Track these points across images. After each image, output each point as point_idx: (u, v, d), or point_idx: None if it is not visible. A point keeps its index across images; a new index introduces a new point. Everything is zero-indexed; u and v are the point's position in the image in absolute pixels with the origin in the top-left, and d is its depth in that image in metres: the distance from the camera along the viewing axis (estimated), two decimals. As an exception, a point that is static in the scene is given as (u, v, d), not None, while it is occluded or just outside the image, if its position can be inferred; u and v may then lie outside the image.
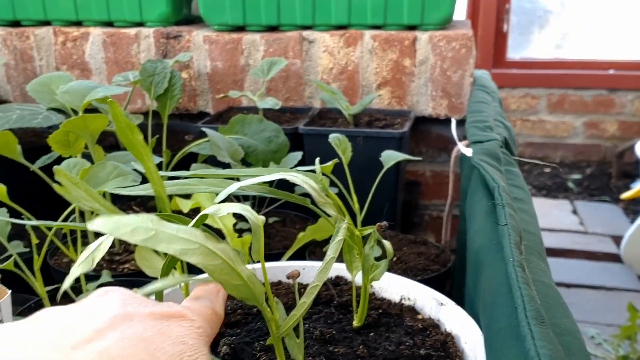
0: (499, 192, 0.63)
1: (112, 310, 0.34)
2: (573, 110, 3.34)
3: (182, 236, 0.39)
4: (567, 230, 2.57)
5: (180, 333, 0.35)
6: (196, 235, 0.39)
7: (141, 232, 0.37)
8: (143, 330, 0.33)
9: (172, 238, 0.38)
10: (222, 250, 0.40)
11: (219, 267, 0.41)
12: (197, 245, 0.39)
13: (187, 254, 0.39)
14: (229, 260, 0.41)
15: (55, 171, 0.53)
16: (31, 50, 1.38)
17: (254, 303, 0.44)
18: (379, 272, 0.60)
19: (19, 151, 0.82)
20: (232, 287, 0.42)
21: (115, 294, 0.37)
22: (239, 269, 0.42)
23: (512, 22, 3.41)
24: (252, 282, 0.43)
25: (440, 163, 1.38)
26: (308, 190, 0.54)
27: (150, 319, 0.35)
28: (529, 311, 0.40)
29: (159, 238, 0.38)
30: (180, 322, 0.36)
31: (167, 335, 0.34)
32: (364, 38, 1.27)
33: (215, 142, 0.90)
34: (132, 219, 0.38)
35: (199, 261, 0.39)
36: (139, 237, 0.37)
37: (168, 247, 0.38)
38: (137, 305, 0.36)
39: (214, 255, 0.40)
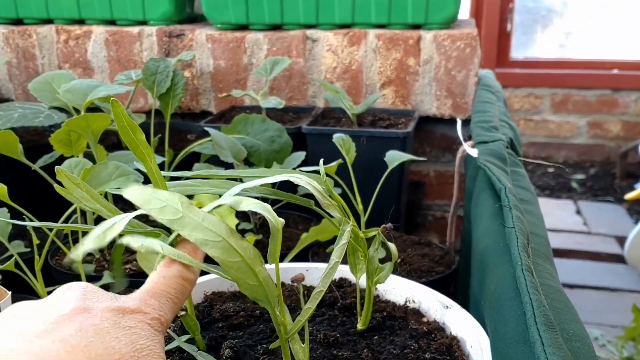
0: (505, 193, 0.62)
1: (73, 303, 0.37)
2: (576, 110, 3.33)
3: (207, 226, 0.38)
4: (571, 230, 2.56)
5: (133, 325, 0.37)
6: (221, 227, 0.39)
7: (170, 211, 0.37)
8: (100, 321, 0.36)
9: (197, 225, 0.38)
10: (243, 248, 0.40)
11: (237, 264, 0.40)
12: (220, 238, 0.38)
13: (207, 244, 0.38)
14: (248, 260, 0.40)
15: (57, 171, 0.52)
16: (33, 49, 1.37)
17: (266, 305, 0.44)
18: (384, 275, 0.59)
19: (21, 150, 0.81)
20: (247, 286, 0.41)
21: (77, 288, 0.39)
22: (256, 269, 0.41)
23: (515, 21, 3.40)
24: (267, 284, 0.42)
25: (444, 163, 1.37)
26: (312, 192, 0.53)
27: (106, 312, 0.37)
28: (539, 317, 0.39)
29: (184, 222, 0.37)
30: (134, 315, 0.38)
31: (122, 326, 0.36)
32: (368, 37, 1.26)
33: (218, 142, 0.89)
34: (166, 196, 0.37)
35: (217, 255, 0.39)
36: (167, 216, 0.37)
37: (190, 234, 0.37)
38: (96, 299, 0.38)
39: (234, 252, 0.39)
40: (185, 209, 0.37)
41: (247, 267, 0.39)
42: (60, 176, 0.52)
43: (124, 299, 0.39)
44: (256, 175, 0.58)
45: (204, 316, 0.63)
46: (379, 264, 0.60)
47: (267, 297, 0.41)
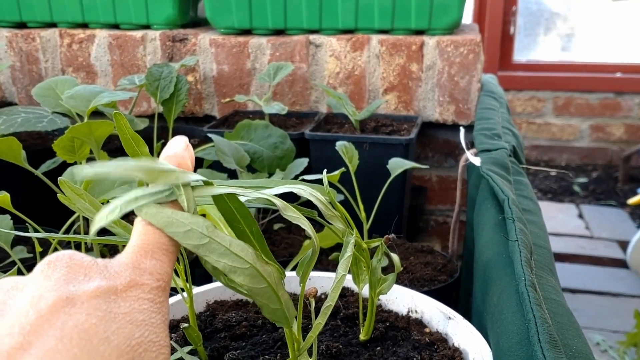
0: (509, 205, 0.62)
1: (53, 293, 0.30)
2: (579, 113, 3.32)
3: (235, 251, 0.36)
4: (573, 234, 2.56)
5: (128, 309, 0.31)
6: (248, 253, 0.37)
7: (195, 236, 0.35)
8: (86, 318, 0.30)
9: (225, 252, 0.36)
10: (268, 273, 0.38)
11: (263, 290, 0.38)
12: (247, 265, 0.37)
13: (235, 272, 0.36)
14: (273, 285, 0.39)
15: (60, 182, 0.52)
16: (37, 52, 1.37)
17: (284, 325, 0.43)
18: (387, 286, 0.59)
19: (24, 157, 0.81)
20: (270, 310, 0.40)
21: (59, 267, 0.32)
22: (280, 293, 0.40)
23: (518, 24, 3.40)
24: (288, 307, 0.41)
25: (447, 168, 1.37)
26: (316, 203, 0.53)
27: (95, 297, 0.31)
28: (542, 334, 0.39)
29: (211, 248, 0.35)
30: (129, 293, 0.32)
31: (114, 316, 0.30)
32: (371, 42, 1.26)
33: (220, 148, 0.89)
34: (188, 218, 0.35)
35: (245, 282, 0.37)
36: (192, 241, 0.35)
37: (218, 261, 0.35)
38: (82, 279, 0.32)
39: (261, 278, 0.38)
40: (210, 232, 0.35)
41: (273, 292, 0.38)
42: (63, 187, 0.52)
43: (115, 268, 0.33)
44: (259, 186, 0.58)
45: (206, 326, 0.63)
46: (382, 275, 0.60)
47: (287, 319, 0.41)
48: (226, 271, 0.35)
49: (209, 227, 0.35)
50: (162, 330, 0.32)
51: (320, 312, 0.46)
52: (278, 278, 0.39)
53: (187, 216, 0.35)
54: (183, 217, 0.34)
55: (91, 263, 0.33)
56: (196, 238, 0.34)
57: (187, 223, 0.34)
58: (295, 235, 0.99)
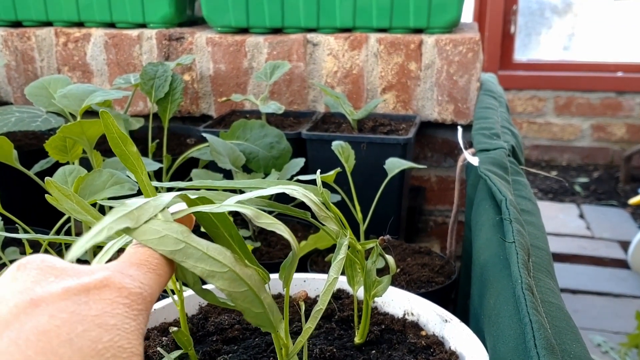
0: (506, 205, 0.61)
1: (16, 296, 0.29)
2: (580, 113, 3.31)
3: (212, 255, 0.36)
4: (574, 235, 2.54)
5: (99, 312, 0.29)
6: (226, 257, 0.36)
7: (170, 241, 0.34)
8: (48, 319, 0.28)
9: (201, 256, 0.35)
10: (249, 276, 0.38)
11: (244, 294, 0.38)
12: (226, 268, 0.36)
13: (214, 276, 0.35)
14: (254, 288, 0.38)
15: (47, 183, 0.51)
16: (32, 51, 1.36)
17: (269, 330, 0.42)
18: (381, 289, 0.58)
19: (15, 157, 0.80)
20: (253, 314, 0.39)
21: (29, 269, 0.30)
22: (262, 296, 0.39)
23: (519, 23, 3.39)
24: (272, 310, 0.40)
25: (446, 168, 1.36)
26: (308, 204, 0.52)
27: (63, 298, 0.29)
28: (539, 340, 0.37)
29: (187, 253, 0.35)
30: (102, 293, 0.30)
31: (81, 318, 0.28)
32: (369, 41, 1.24)
33: (215, 148, 0.88)
34: (161, 225, 0.35)
35: (225, 286, 0.36)
36: (167, 247, 0.34)
37: (195, 266, 0.35)
38: (53, 280, 0.30)
39: (241, 281, 0.37)
40: (186, 238, 0.34)
41: (254, 296, 0.37)
42: (50, 187, 0.51)
43: (91, 268, 0.31)
44: (251, 187, 0.57)
45: (198, 329, 0.62)
46: (377, 277, 0.59)
47: (271, 323, 0.40)
48: (204, 276, 0.34)
49: (184, 233, 0.34)
50: (135, 337, 0.30)
51: (310, 316, 0.45)
52: (259, 281, 0.38)
53: (161, 223, 0.34)
54: (156, 225, 0.34)
55: (64, 265, 0.31)
56: (171, 244, 0.34)
57: (161, 230, 0.34)
58: (292, 236, 0.97)
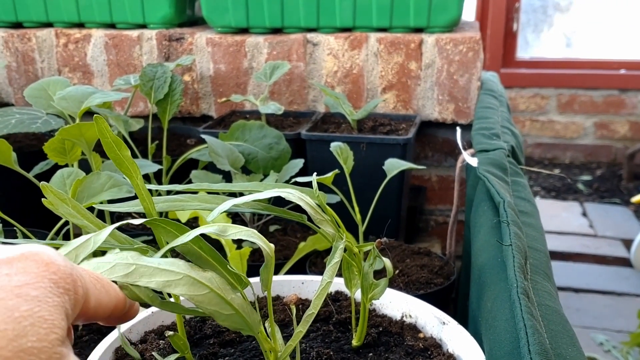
0: (504, 207, 0.61)
1: None
2: (583, 111, 3.30)
3: (164, 268, 0.38)
4: (577, 233, 2.54)
5: (20, 283, 0.29)
6: (179, 265, 0.38)
7: (120, 268, 0.37)
8: None
9: (153, 271, 0.37)
10: (208, 279, 0.38)
11: (207, 297, 0.38)
12: (180, 275, 0.37)
13: (170, 285, 0.37)
14: (217, 290, 0.39)
15: (42, 187, 0.51)
16: (33, 52, 1.36)
17: (249, 333, 0.42)
18: (379, 292, 0.58)
19: (14, 159, 0.80)
20: (224, 317, 0.40)
21: None
22: (228, 297, 0.39)
23: (521, 21, 3.38)
24: (245, 311, 0.41)
25: (446, 168, 1.35)
26: (304, 207, 0.52)
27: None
28: (532, 345, 0.37)
29: (139, 272, 0.37)
30: (27, 265, 0.30)
31: (1, 284, 0.28)
32: (369, 41, 1.24)
33: (214, 150, 0.88)
34: (111, 258, 0.37)
35: (183, 292, 0.37)
36: (119, 273, 0.37)
37: (149, 282, 0.37)
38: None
39: (200, 285, 0.38)
40: (136, 260, 0.36)
41: (219, 297, 0.38)
42: (46, 192, 0.51)
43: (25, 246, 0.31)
44: (249, 190, 0.57)
45: (196, 332, 0.62)
46: (374, 280, 0.59)
47: (248, 324, 0.40)
48: (160, 287, 0.36)
49: (133, 256, 0.37)
50: (58, 311, 0.30)
51: (302, 320, 0.45)
52: (223, 283, 0.39)
53: (112, 256, 0.37)
54: (108, 259, 0.36)
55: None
56: (122, 269, 0.36)
57: (112, 261, 0.36)
58: (291, 237, 0.97)
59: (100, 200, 0.69)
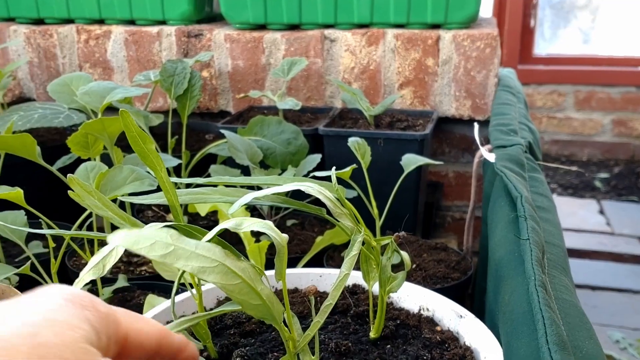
0: (521, 202, 0.61)
1: None
2: (601, 108, 3.27)
3: (201, 253, 0.38)
4: (593, 230, 2.52)
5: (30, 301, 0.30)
6: (215, 252, 0.38)
7: (160, 247, 0.36)
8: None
9: (191, 255, 0.37)
10: (241, 269, 0.39)
11: (238, 286, 0.39)
12: (216, 263, 0.38)
13: (205, 272, 0.37)
14: (248, 280, 0.39)
15: (69, 179, 0.52)
16: (54, 48, 1.38)
17: (272, 322, 0.43)
18: (396, 285, 0.58)
19: (38, 152, 0.82)
20: (252, 307, 0.40)
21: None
22: (258, 288, 0.40)
23: (539, 17, 3.35)
24: (272, 301, 0.41)
25: (463, 164, 1.35)
26: (324, 201, 0.52)
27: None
28: (550, 336, 0.38)
29: (177, 254, 0.37)
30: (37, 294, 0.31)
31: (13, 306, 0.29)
32: (387, 37, 1.25)
33: (233, 145, 0.89)
34: (152, 233, 0.37)
35: (217, 280, 0.38)
36: (157, 252, 0.36)
37: (186, 265, 0.37)
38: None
39: (233, 274, 0.38)
40: (175, 240, 0.36)
41: (249, 287, 0.39)
42: (72, 184, 0.52)
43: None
44: (267, 183, 0.58)
45: (216, 322, 0.63)
46: (392, 273, 0.59)
47: (272, 315, 0.41)
48: (195, 272, 0.36)
49: (173, 236, 0.36)
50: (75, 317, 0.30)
51: (319, 311, 0.46)
52: (254, 274, 0.39)
53: (153, 232, 0.36)
54: (148, 233, 0.36)
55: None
56: (161, 249, 0.35)
57: (152, 237, 0.36)
58: (308, 232, 0.98)
59: (122, 193, 0.70)
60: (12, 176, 0.95)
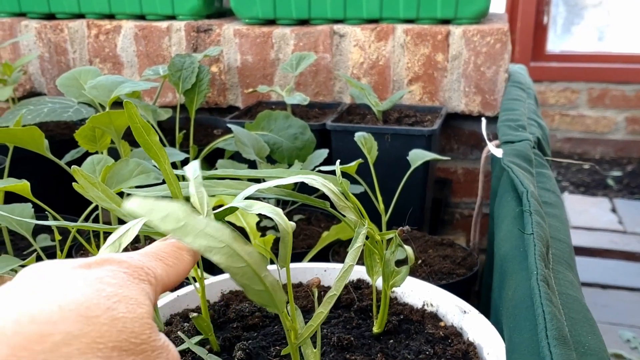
0: (527, 197, 0.61)
1: (21, 276, 0.33)
2: (614, 105, 3.24)
3: (210, 232, 0.37)
4: (605, 229, 2.50)
5: (100, 275, 0.33)
6: (224, 233, 0.38)
7: (172, 220, 0.37)
8: (51, 281, 0.31)
9: (200, 232, 0.37)
10: (248, 253, 0.39)
11: (242, 270, 0.39)
12: (223, 244, 0.38)
13: (211, 251, 0.37)
14: (253, 265, 0.39)
15: (73, 171, 0.53)
16: (65, 43, 1.39)
17: (275, 310, 0.43)
18: (400, 279, 0.58)
19: (46, 146, 0.82)
20: (254, 292, 0.40)
21: (31, 267, 0.34)
22: (262, 274, 0.40)
23: (552, 14, 3.33)
24: (275, 289, 0.41)
25: (472, 160, 1.35)
26: (327, 194, 0.52)
27: (65, 268, 0.33)
28: (550, 330, 0.38)
29: (187, 230, 0.37)
30: (103, 266, 0.34)
31: (83, 276, 0.32)
32: (396, 32, 1.24)
33: (240, 139, 0.89)
34: (167, 205, 0.37)
35: (222, 261, 0.38)
36: (169, 225, 0.36)
37: (194, 241, 0.37)
38: (53, 266, 0.34)
39: (239, 257, 0.38)
40: (187, 216, 0.36)
41: (253, 272, 0.39)
42: (76, 175, 0.53)
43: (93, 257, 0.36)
44: (272, 176, 0.58)
45: (220, 315, 0.63)
46: (395, 268, 0.59)
47: (274, 302, 0.41)
48: (202, 251, 0.36)
49: (186, 212, 0.36)
50: (139, 292, 0.34)
51: (323, 301, 0.46)
52: (259, 259, 0.39)
53: (167, 204, 0.36)
54: (163, 205, 0.36)
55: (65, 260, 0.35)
56: (173, 222, 0.36)
57: (166, 209, 0.36)
58: (315, 227, 0.98)
59: (128, 186, 0.70)
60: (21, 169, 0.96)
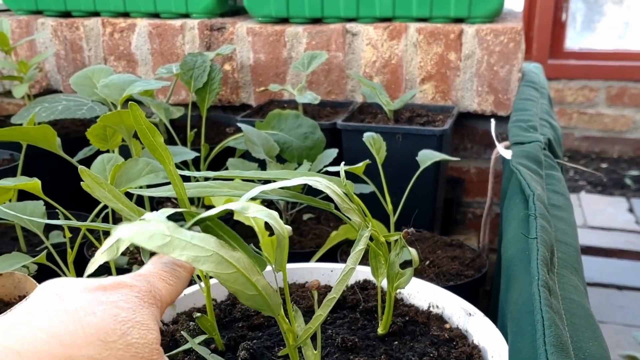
0: (533, 201, 0.60)
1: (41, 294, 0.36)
2: (633, 104, 3.20)
3: (196, 243, 0.39)
4: (622, 229, 2.47)
5: (115, 299, 0.36)
6: (210, 242, 0.39)
7: (158, 238, 0.38)
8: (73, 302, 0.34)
9: (186, 245, 0.38)
10: (236, 259, 0.40)
11: (233, 276, 0.40)
12: (210, 252, 0.39)
13: (199, 261, 0.38)
14: (243, 270, 0.40)
15: (80, 171, 0.53)
16: (80, 41, 1.40)
17: (270, 314, 0.44)
18: (404, 281, 0.58)
19: (58, 144, 0.83)
20: (247, 297, 0.41)
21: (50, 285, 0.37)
22: (253, 279, 0.41)
23: (571, 11, 3.29)
24: (268, 292, 0.42)
25: (485, 160, 1.34)
26: (331, 196, 0.53)
27: (83, 292, 0.36)
28: (548, 337, 0.37)
29: (173, 244, 0.38)
30: (117, 290, 0.37)
31: (100, 301, 0.35)
32: (409, 31, 1.24)
33: (249, 138, 0.89)
34: (151, 226, 0.38)
35: (211, 269, 0.39)
36: (155, 242, 0.38)
37: (181, 254, 0.38)
38: (72, 285, 0.36)
39: (228, 264, 0.39)
40: (172, 232, 0.37)
41: (244, 277, 0.39)
42: (83, 175, 0.53)
43: (109, 278, 0.39)
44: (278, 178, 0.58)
45: (225, 315, 0.64)
46: (400, 269, 0.59)
47: (269, 306, 0.41)
48: (190, 261, 0.37)
49: (170, 228, 0.38)
50: (149, 317, 0.36)
51: (322, 304, 0.46)
52: (249, 264, 0.40)
53: (152, 225, 0.38)
54: (148, 227, 0.38)
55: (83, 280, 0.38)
56: (159, 239, 0.37)
57: (151, 230, 0.37)
58: (324, 226, 0.98)
59: (137, 185, 0.71)
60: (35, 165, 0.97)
